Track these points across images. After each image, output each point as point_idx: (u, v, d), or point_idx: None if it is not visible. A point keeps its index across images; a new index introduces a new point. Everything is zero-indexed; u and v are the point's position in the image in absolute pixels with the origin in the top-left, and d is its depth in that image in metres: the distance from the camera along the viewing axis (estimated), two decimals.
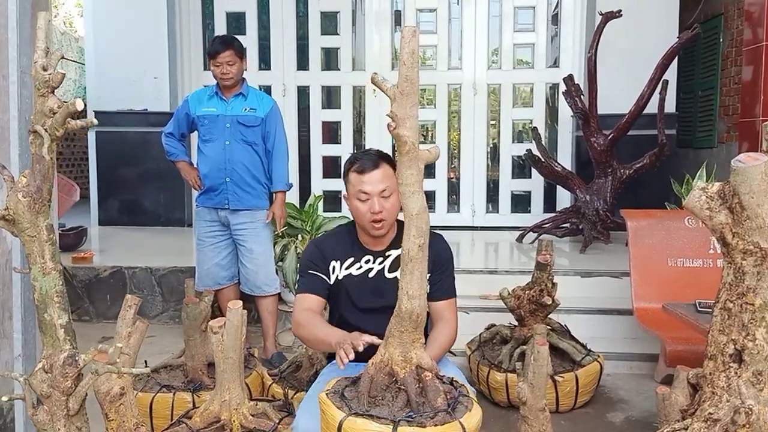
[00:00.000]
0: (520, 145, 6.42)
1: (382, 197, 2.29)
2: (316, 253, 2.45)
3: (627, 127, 5.11)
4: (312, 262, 2.44)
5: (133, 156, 6.54)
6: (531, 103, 6.46)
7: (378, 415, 1.81)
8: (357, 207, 2.32)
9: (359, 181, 2.29)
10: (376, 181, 2.29)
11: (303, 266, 2.48)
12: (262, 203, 3.83)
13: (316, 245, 2.48)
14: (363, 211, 2.31)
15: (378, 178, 2.29)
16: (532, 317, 3.31)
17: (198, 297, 3.08)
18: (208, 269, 3.89)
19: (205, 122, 3.79)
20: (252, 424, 2.54)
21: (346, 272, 2.41)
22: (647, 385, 3.48)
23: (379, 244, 2.43)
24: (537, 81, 6.39)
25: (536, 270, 3.27)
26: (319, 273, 2.41)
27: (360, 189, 2.29)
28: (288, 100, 6.52)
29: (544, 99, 6.42)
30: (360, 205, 2.31)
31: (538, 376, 2.22)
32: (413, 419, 1.79)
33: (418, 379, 1.90)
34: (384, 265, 2.43)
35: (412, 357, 1.90)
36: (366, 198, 2.29)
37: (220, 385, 2.58)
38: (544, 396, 2.27)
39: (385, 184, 2.29)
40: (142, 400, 2.93)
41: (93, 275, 4.62)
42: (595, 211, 5.18)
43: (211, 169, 3.78)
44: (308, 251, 2.51)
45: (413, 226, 1.83)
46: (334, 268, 2.42)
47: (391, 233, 2.44)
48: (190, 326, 2.99)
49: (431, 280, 2.42)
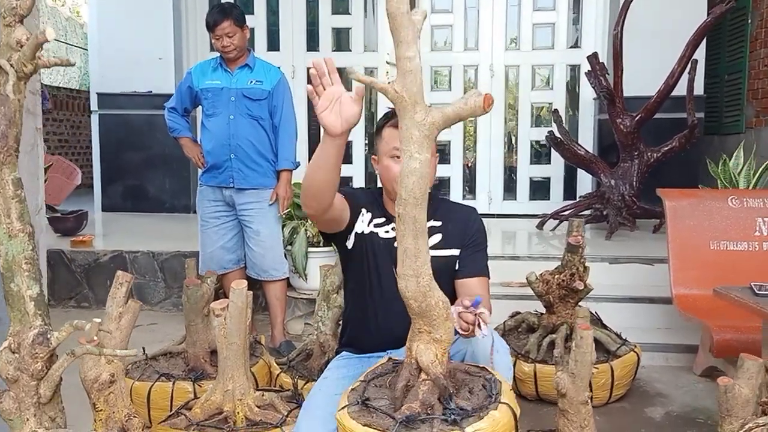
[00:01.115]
0: (538, 129, 6.16)
1: None
2: (351, 190, 2.20)
3: (655, 108, 4.84)
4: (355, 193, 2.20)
5: (137, 140, 6.31)
6: (551, 85, 6.18)
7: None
8: (388, 167, 2.07)
9: (394, 137, 2.03)
10: None
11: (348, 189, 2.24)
12: (269, 182, 3.58)
13: (365, 193, 2.27)
14: (394, 172, 2.04)
15: None
16: (561, 303, 3.05)
17: (200, 278, 2.84)
18: (212, 252, 3.65)
19: (208, 96, 3.55)
20: (258, 416, 2.30)
21: (374, 229, 2.16)
22: (686, 378, 3.23)
23: None
24: (557, 62, 6.11)
25: (566, 252, 3.01)
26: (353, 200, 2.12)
27: (394, 146, 2.03)
28: (297, 83, 6.27)
29: (564, 81, 6.15)
30: (393, 165, 2.05)
31: (581, 365, 1.96)
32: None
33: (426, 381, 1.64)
34: None
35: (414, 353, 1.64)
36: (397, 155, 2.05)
37: (222, 374, 2.34)
38: (587, 387, 2.01)
39: None
40: (139, 390, 2.70)
41: (92, 259, 4.38)
42: (621, 196, 4.91)
43: (215, 145, 3.54)
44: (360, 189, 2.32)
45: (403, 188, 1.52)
46: (362, 217, 2.16)
47: None
48: (191, 310, 2.75)
49: (461, 255, 2.18)
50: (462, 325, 1.74)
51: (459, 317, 1.74)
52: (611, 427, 2.64)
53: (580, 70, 5.97)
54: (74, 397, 2.04)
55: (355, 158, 6.45)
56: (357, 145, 6.43)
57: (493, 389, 1.64)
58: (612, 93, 4.80)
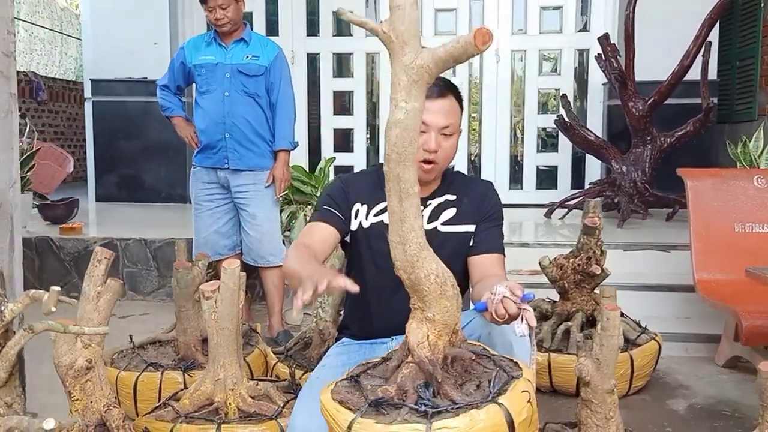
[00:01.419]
0: (545, 116, 5.97)
1: (442, 134, 1.88)
2: (338, 190, 2.01)
3: (669, 91, 4.65)
4: (331, 198, 2.00)
5: (132, 127, 6.13)
6: (558, 71, 5.99)
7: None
8: None
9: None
10: (440, 113, 1.87)
11: (319, 201, 2.05)
12: (266, 163, 3.39)
13: (340, 180, 2.05)
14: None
15: (443, 110, 1.87)
16: (576, 290, 2.87)
17: (191, 261, 2.65)
18: (206, 237, 3.47)
19: (202, 72, 3.36)
20: (251, 408, 2.12)
21: (375, 219, 1.97)
22: (708, 369, 3.05)
23: (421, 190, 2.00)
24: (565, 47, 5.91)
25: (582, 235, 2.82)
26: (336, 211, 1.97)
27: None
28: (297, 68, 6.06)
29: (572, 66, 5.95)
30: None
31: (606, 350, 1.78)
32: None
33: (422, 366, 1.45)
34: (423, 215, 2.00)
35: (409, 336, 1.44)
36: (423, 130, 1.85)
37: (213, 361, 2.16)
38: (612, 374, 1.83)
39: (449, 119, 1.88)
40: (125, 381, 2.52)
41: (82, 247, 4.20)
42: (633, 183, 4.72)
43: (209, 123, 3.35)
44: (330, 186, 2.08)
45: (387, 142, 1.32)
46: (358, 213, 1.98)
47: (437, 181, 2.02)
48: (180, 295, 2.57)
49: (476, 231, 2.00)
50: (499, 311, 1.53)
51: (502, 302, 1.52)
52: (632, 421, 2.46)
53: (588, 55, 5.78)
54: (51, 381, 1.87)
55: (356, 148, 6.26)
56: (358, 135, 6.23)
57: (495, 386, 1.41)
58: (624, 75, 4.61)
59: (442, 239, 2.00)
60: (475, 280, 1.95)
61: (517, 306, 1.53)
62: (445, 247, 2.01)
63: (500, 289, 1.54)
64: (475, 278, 1.95)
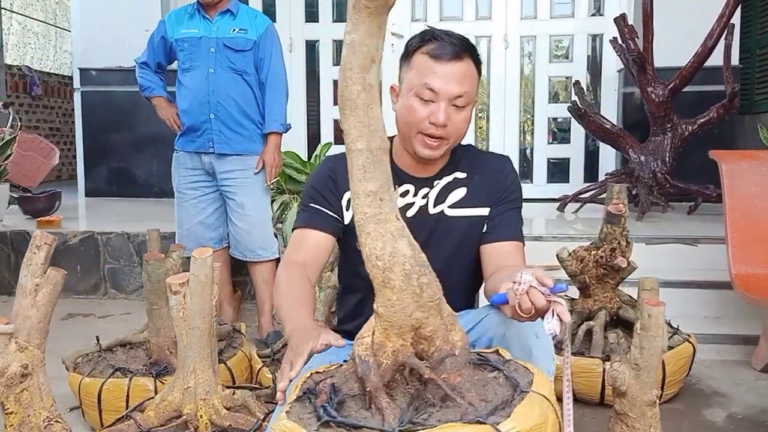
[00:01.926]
0: (556, 106, 5.65)
1: (454, 105, 1.57)
2: (325, 179, 1.71)
3: (691, 74, 4.33)
4: (316, 190, 1.71)
5: (123, 119, 5.83)
6: (570, 57, 5.66)
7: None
8: (411, 108, 1.57)
9: (429, 69, 1.55)
10: (454, 78, 1.55)
11: (304, 196, 1.76)
12: (254, 147, 3.10)
13: (326, 167, 1.74)
14: (419, 116, 1.56)
15: (457, 75, 1.56)
16: (599, 285, 2.57)
17: (164, 253, 2.36)
18: (189, 229, 3.17)
19: (184, 47, 3.07)
20: (226, 420, 1.81)
21: None
22: (744, 374, 2.74)
23: (425, 168, 1.70)
24: (577, 32, 5.58)
25: (606, 224, 2.52)
26: (325, 209, 1.69)
27: (426, 82, 1.54)
28: (295, 56, 5.78)
29: (585, 53, 5.63)
30: (418, 105, 1.56)
31: (648, 354, 1.47)
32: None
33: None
34: (428, 198, 1.70)
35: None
36: (430, 98, 1.55)
37: (182, 367, 1.86)
38: (654, 383, 1.52)
39: (463, 87, 1.56)
40: (89, 388, 2.23)
41: (60, 242, 3.90)
42: (652, 173, 4.41)
43: (192, 103, 3.06)
44: (315, 176, 1.77)
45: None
46: (350, 203, 1.69)
47: (445, 158, 1.71)
48: (152, 291, 2.27)
49: (491, 214, 1.70)
50: (524, 304, 1.23)
51: (527, 293, 1.23)
52: None
53: (602, 41, 5.47)
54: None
55: None
56: None
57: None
58: (643, 57, 4.29)
59: (449, 224, 1.70)
60: (489, 271, 1.65)
61: (546, 298, 1.23)
62: (452, 233, 1.71)
63: (526, 277, 1.24)
64: (489, 270, 1.65)
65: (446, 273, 1.70)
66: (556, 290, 1.24)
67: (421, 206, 1.68)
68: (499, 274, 1.55)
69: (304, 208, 1.72)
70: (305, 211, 1.72)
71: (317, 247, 1.68)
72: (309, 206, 1.70)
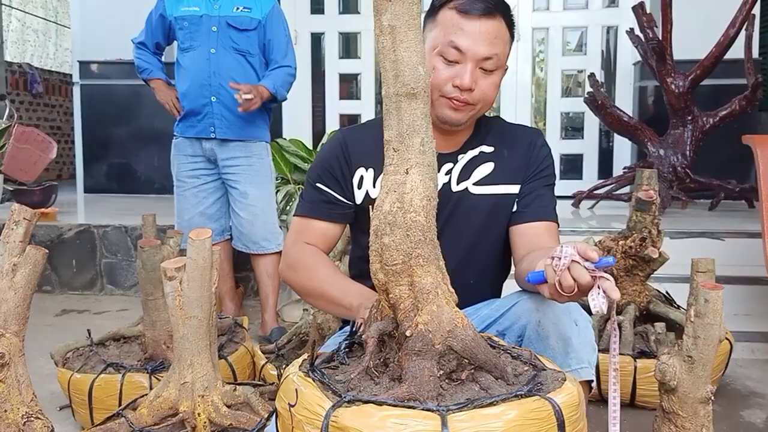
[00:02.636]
0: (569, 100, 5.48)
1: (482, 69, 1.40)
2: (337, 152, 1.53)
3: (713, 65, 4.17)
4: (325, 167, 1.53)
5: (123, 113, 5.69)
6: (584, 50, 5.49)
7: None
8: (434, 67, 1.39)
9: (455, 26, 1.38)
10: (483, 38, 1.38)
11: (311, 173, 1.58)
12: (259, 133, 2.94)
13: (338, 139, 1.56)
14: (442, 78, 1.39)
15: (487, 34, 1.38)
16: (628, 278, 2.40)
17: (161, 239, 2.20)
18: (190, 220, 3.01)
19: (184, 25, 2.91)
20: (226, 419, 1.64)
21: None
22: None
23: (448, 142, 1.53)
24: (591, 24, 5.41)
25: (635, 211, 2.35)
26: (333, 191, 1.52)
27: (452, 40, 1.37)
28: (300, 49, 5.58)
29: (599, 45, 5.46)
30: (441, 66, 1.39)
31: (704, 344, 1.30)
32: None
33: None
34: (451, 175, 1.53)
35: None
36: (456, 59, 1.38)
37: (179, 360, 1.69)
38: (709, 378, 1.35)
39: (494, 48, 1.39)
40: (79, 384, 2.06)
41: (55, 235, 3.75)
42: (672, 167, 4.24)
43: (192, 85, 2.90)
44: (324, 149, 1.60)
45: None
46: (362, 180, 1.52)
47: (470, 129, 1.55)
48: (147, 280, 2.10)
49: (522, 192, 1.54)
50: (566, 281, 1.07)
51: (569, 269, 1.07)
52: None
53: (618, 33, 5.30)
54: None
55: (363, 94, 5.74)
56: (366, 81, 5.70)
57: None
58: (662, 46, 4.13)
59: (473, 203, 1.53)
60: (521, 254, 1.48)
61: (590, 273, 1.07)
62: (477, 213, 1.53)
63: (567, 251, 1.08)
64: (521, 252, 1.49)
65: (470, 257, 1.54)
66: (602, 264, 1.09)
67: (443, 183, 1.51)
68: (533, 255, 1.38)
69: (310, 188, 1.55)
70: (310, 193, 1.54)
71: (322, 236, 1.53)
72: (315, 187, 1.53)
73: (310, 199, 1.54)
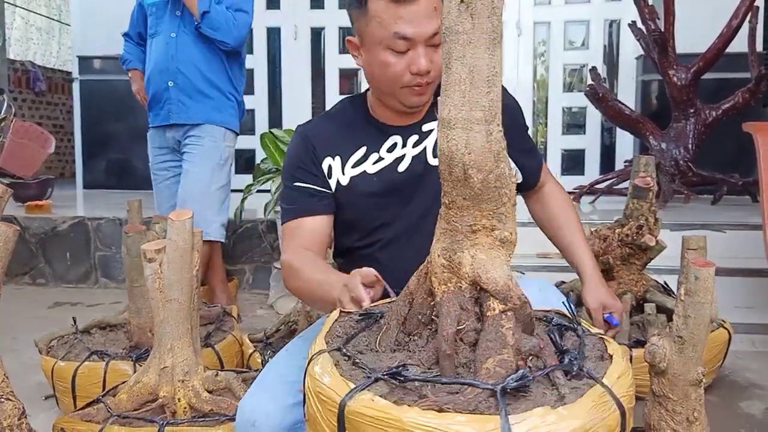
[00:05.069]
0: (571, 95, 5.43)
1: (430, 45, 1.33)
2: (302, 148, 1.48)
3: (715, 57, 4.11)
4: (297, 165, 1.47)
5: (123, 109, 5.63)
6: (586, 44, 5.44)
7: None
8: (386, 63, 1.33)
9: (393, 16, 1.30)
10: (424, 16, 1.31)
11: (285, 176, 1.51)
12: (220, 117, 2.85)
13: (300, 134, 1.51)
14: (398, 71, 1.34)
15: (426, 11, 1.31)
16: (624, 266, 2.35)
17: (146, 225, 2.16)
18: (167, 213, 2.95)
19: (153, 11, 2.88)
20: (207, 405, 1.61)
21: (354, 172, 1.45)
22: None
23: (408, 116, 1.48)
24: (594, 18, 5.36)
25: (632, 198, 2.31)
26: (312, 183, 1.46)
27: (396, 31, 1.30)
28: (300, 44, 5.59)
29: (602, 39, 5.40)
30: (393, 59, 1.33)
31: (695, 323, 1.25)
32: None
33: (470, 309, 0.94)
34: (424, 146, 1.48)
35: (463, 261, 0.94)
36: (405, 48, 1.32)
37: (158, 345, 1.65)
38: (701, 359, 1.31)
39: (436, 21, 1.32)
40: (63, 372, 2.03)
41: (49, 228, 3.72)
42: (674, 161, 4.18)
43: (152, 71, 2.86)
44: (290, 149, 1.52)
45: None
46: (331, 169, 1.46)
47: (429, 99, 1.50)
48: (133, 266, 2.07)
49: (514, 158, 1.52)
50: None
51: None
52: None
53: (620, 27, 5.25)
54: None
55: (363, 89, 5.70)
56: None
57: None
58: (665, 37, 4.07)
59: None
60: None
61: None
62: None
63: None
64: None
65: None
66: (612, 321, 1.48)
67: (415, 156, 1.46)
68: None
69: (289, 191, 1.49)
70: (289, 196, 1.48)
71: (313, 233, 1.45)
72: (293, 187, 1.47)
73: (292, 201, 1.48)
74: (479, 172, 0.89)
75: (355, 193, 1.44)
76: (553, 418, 0.80)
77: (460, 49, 0.90)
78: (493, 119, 0.90)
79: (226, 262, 3.59)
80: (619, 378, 0.95)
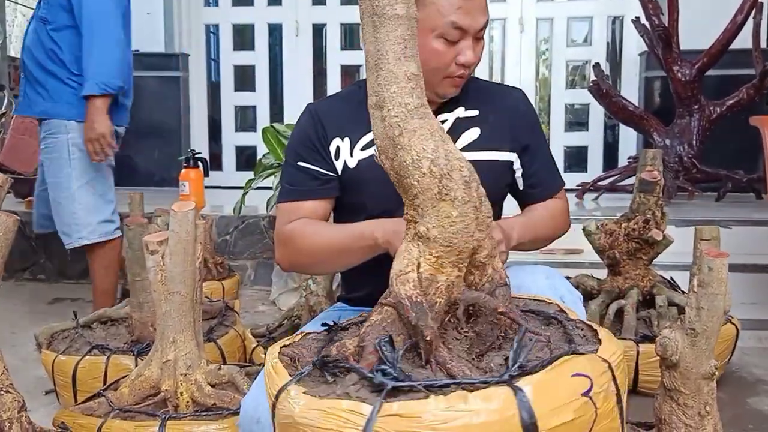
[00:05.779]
0: (574, 91, 5.41)
1: (476, 38, 1.36)
2: (310, 125, 1.45)
3: (720, 53, 4.08)
4: (304, 143, 1.44)
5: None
6: (589, 41, 5.41)
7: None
8: (436, 51, 1.33)
9: (453, 5, 1.30)
10: (479, 9, 1.34)
11: (289, 153, 1.48)
12: (57, 110, 2.61)
13: (310, 112, 1.48)
14: (447, 61, 1.34)
15: (482, 4, 1.35)
16: (630, 261, 2.32)
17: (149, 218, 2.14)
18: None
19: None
20: (210, 399, 1.58)
21: (363, 155, 1.42)
22: None
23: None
24: (597, 14, 5.32)
25: (638, 192, 2.28)
26: (317, 165, 1.43)
27: (453, 21, 1.30)
28: (301, 40, 5.56)
29: (605, 36, 5.38)
30: (443, 48, 1.33)
31: (708, 315, 1.23)
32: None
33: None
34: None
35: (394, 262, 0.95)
36: (458, 38, 1.33)
37: (161, 338, 1.63)
38: (713, 352, 1.29)
39: (486, 16, 1.36)
40: (63, 366, 2.01)
41: None
42: (678, 157, 4.16)
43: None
44: (297, 126, 1.50)
45: None
46: (339, 150, 1.44)
47: None
48: (134, 260, 2.04)
49: (525, 162, 1.51)
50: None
51: None
52: None
53: (623, 23, 5.22)
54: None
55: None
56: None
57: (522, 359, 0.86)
58: (669, 33, 4.05)
59: None
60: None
61: None
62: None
63: None
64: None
65: None
66: None
67: None
68: None
69: (291, 169, 1.46)
70: (292, 175, 1.45)
71: (313, 216, 1.42)
72: (297, 167, 1.44)
73: (293, 181, 1.45)
74: (386, 159, 0.89)
75: (362, 177, 1.42)
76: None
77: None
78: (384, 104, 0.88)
79: (228, 258, 3.58)
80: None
